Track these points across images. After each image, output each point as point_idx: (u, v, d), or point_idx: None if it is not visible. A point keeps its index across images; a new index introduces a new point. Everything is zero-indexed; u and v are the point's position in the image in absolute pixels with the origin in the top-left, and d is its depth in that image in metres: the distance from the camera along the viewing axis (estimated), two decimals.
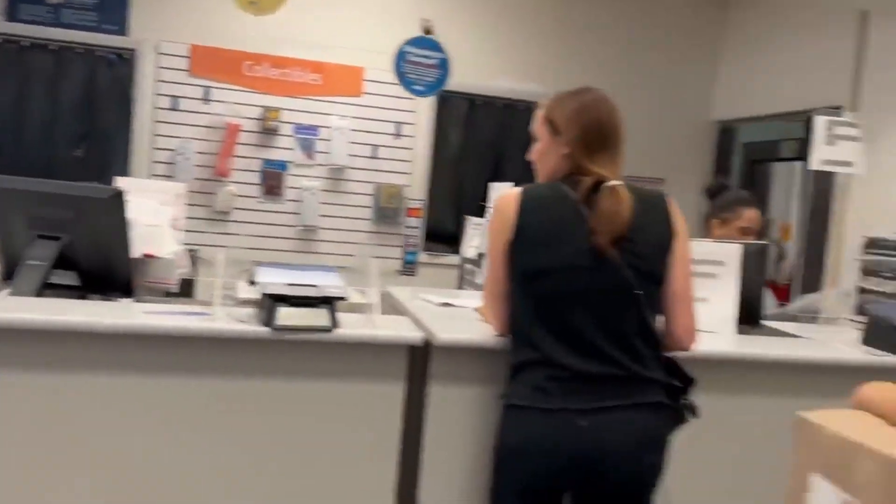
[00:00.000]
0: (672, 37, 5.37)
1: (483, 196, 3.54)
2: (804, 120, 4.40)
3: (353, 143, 4.91)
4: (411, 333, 1.90)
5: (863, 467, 0.85)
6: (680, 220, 1.77)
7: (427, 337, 1.91)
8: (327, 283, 1.82)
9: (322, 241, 4.89)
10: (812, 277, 4.48)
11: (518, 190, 1.77)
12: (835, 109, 4.36)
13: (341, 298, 1.82)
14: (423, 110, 5.03)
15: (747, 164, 5.85)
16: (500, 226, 1.75)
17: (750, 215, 3.08)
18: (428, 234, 5.12)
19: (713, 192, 3.42)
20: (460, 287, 3.75)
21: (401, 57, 3.21)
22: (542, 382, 1.68)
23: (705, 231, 3.35)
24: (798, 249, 4.93)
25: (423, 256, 5.04)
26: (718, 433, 2.05)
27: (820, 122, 2.54)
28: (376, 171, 4.97)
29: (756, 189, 5.74)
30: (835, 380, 2.21)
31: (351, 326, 1.88)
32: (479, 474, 1.87)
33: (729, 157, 5.72)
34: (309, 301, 1.79)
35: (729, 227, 3.11)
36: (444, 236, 5.08)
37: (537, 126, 1.86)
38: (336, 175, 4.92)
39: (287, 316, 1.78)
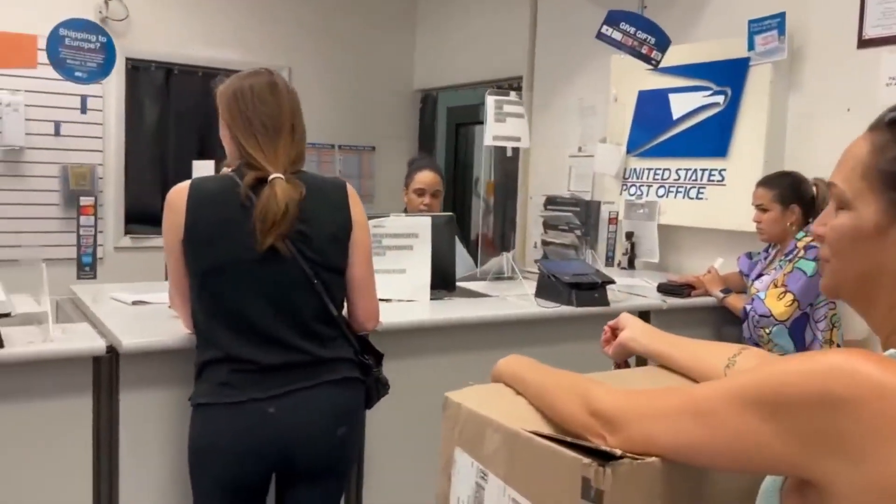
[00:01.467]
0: (373, 8, 5.48)
1: (189, 173, 3.36)
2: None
3: (30, 120, 4.37)
4: (92, 344, 1.79)
5: (491, 439, 0.98)
6: (358, 209, 1.80)
7: (112, 344, 1.80)
8: None
9: (1, 232, 4.31)
10: (508, 231, 4.95)
11: (187, 185, 1.71)
12: (517, 80, 4.80)
13: (5, 315, 1.65)
14: (111, 82, 4.61)
15: (451, 127, 6.23)
16: (171, 224, 1.69)
17: (421, 178, 3.31)
18: (131, 217, 4.76)
19: (410, 162, 3.66)
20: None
21: (56, 41, 2.74)
22: (225, 377, 1.66)
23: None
24: (494, 206, 5.41)
25: (125, 241, 4.68)
26: (416, 396, 2.17)
27: (490, 102, 2.79)
28: (62, 150, 4.48)
29: (460, 151, 6.17)
30: (514, 332, 2.50)
31: (21, 343, 1.71)
32: (181, 478, 1.83)
33: (434, 123, 6.05)
34: None
35: (408, 190, 3.34)
36: (150, 216, 4.73)
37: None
38: (13, 157, 4.35)
39: None
